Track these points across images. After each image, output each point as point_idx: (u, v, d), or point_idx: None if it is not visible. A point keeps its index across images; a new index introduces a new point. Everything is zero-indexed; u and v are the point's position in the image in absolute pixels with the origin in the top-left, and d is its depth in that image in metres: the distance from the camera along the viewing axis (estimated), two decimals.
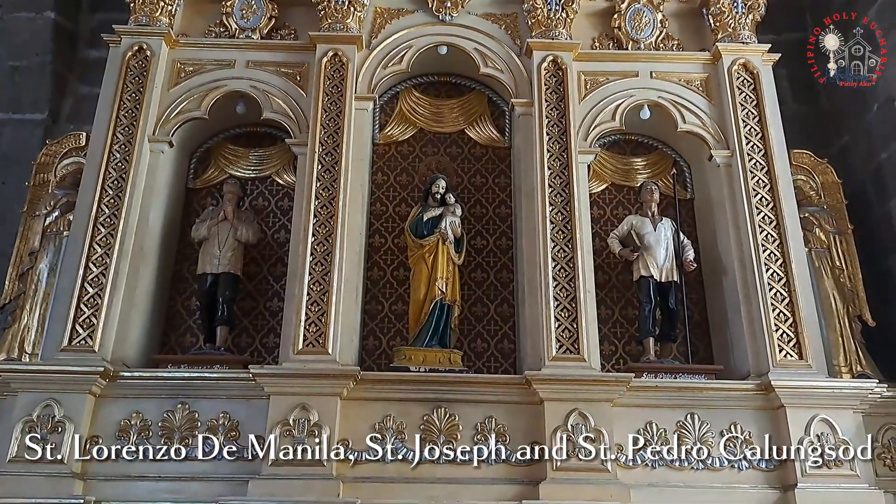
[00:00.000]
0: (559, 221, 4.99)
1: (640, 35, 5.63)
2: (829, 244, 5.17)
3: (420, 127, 5.77)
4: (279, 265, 5.29)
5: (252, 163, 5.60)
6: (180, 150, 5.40)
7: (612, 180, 5.67)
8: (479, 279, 5.36)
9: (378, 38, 5.62)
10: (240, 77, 5.39)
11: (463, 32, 5.64)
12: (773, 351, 4.61)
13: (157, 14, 5.37)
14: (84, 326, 4.55)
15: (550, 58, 5.44)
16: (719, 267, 5.21)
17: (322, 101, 5.24)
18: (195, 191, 5.57)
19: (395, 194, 5.61)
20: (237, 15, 5.54)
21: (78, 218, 4.85)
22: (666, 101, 5.43)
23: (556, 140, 5.23)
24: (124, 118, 5.10)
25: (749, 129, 5.25)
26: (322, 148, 5.12)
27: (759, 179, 5.11)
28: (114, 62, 5.27)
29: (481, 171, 5.73)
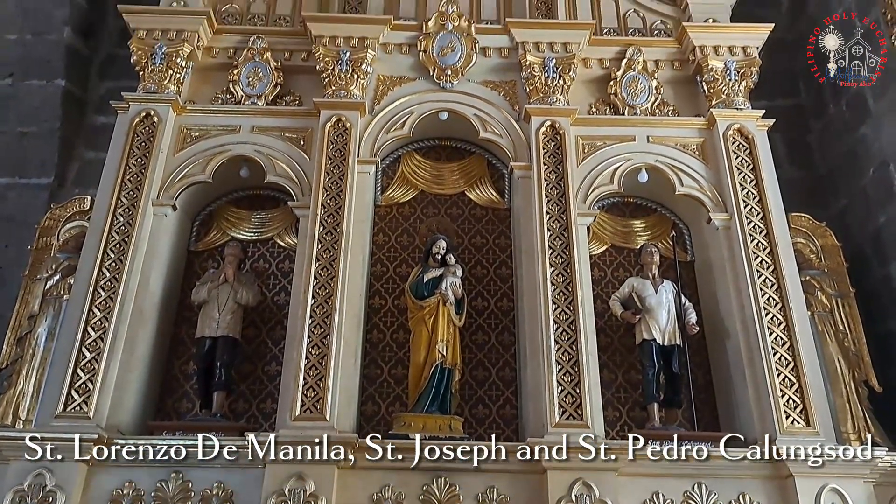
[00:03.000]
0: (560, 283, 4.98)
1: (636, 101, 5.75)
2: (832, 307, 5.14)
3: (421, 189, 5.84)
4: (278, 328, 5.25)
5: (254, 225, 5.64)
6: (183, 213, 5.45)
7: (612, 242, 5.69)
8: (480, 342, 5.32)
9: (381, 104, 5.74)
10: (245, 142, 5.48)
11: (463, 99, 5.76)
12: (779, 417, 4.52)
13: (166, 82, 5.50)
14: (80, 392, 4.49)
15: (548, 123, 5.54)
16: (722, 330, 5.18)
17: (325, 165, 5.31)
18: (196, 253, 5.59)
19: (395, 255, 5.63)
20: (244, 82, 5.67)
21: (78, 281, 4.85)
22: (663, 164, 5.50)
23: (556, 202, 5.28)
24: (129, 182, 5.16)
25: (746, 193, 5.29)
26: (324, 210, 5.16)
27: (758, 242, 5.12)
28: (121, 128, 5.36)
29: (482, 232, 5.76)
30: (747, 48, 5.75)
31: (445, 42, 5.80)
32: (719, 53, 5.72)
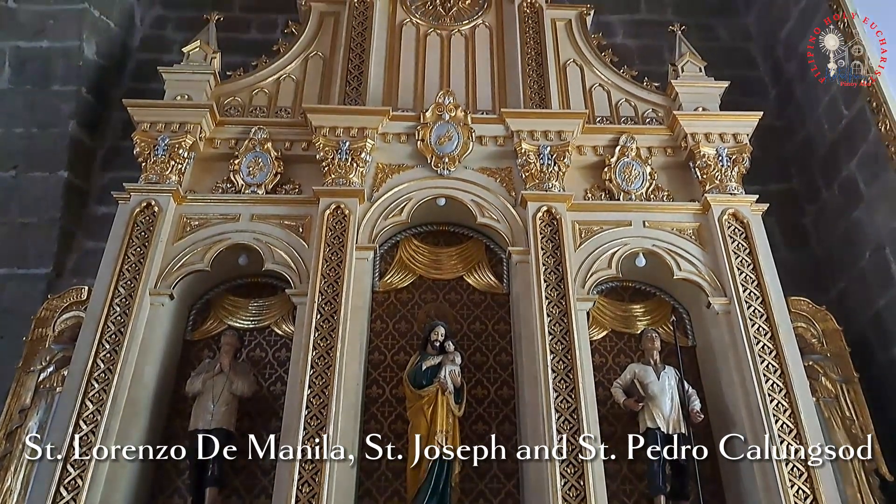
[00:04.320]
0: (561, 370, 4.91)
1: (631, 186, 5.83)
2: (837, 393, 5.04)
3: (419, 274, 5.84)
4: (273, 420, 5.13)
5: (251, 313, 5.61)
6: (180, 302, 5.43)
7: (613, 327, 5.66)
8: (480, 432, 5.19)
9: (379, 191, 5.83)
10: (244, 230, 5.52)
11: (460, 185, 5.85)
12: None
13: (168, 172, 5.59)
14: (69, 489, 4.35)
15: (545, 208, 5.61)
16: (727, 417, 5.07)
17: (323, 252, 5.34)
18: (192, 343, 5.53)
19: (393, 342, 5.57)
20: (244, 172, 5.76)
21: (72, 373, 4.77)
22: (660, 249, 5.53)
23: (554, 287, 5.27)
24: (127, 272, 5.16)
25: (745, 277, 5.30)
26: (322, 297, 5.15)
27: (759, 327, 5.09)
28: (121, 218, 5.40)
29: (480, 318, 5.72)
30: (738, 135, 5.88)
31: (443, 131, 5.94)
32: (711, 140, 5.84)
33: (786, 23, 7.12)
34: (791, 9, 7.02)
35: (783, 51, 7.20)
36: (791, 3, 7.03)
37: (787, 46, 7.10)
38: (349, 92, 6.24)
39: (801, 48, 6.78)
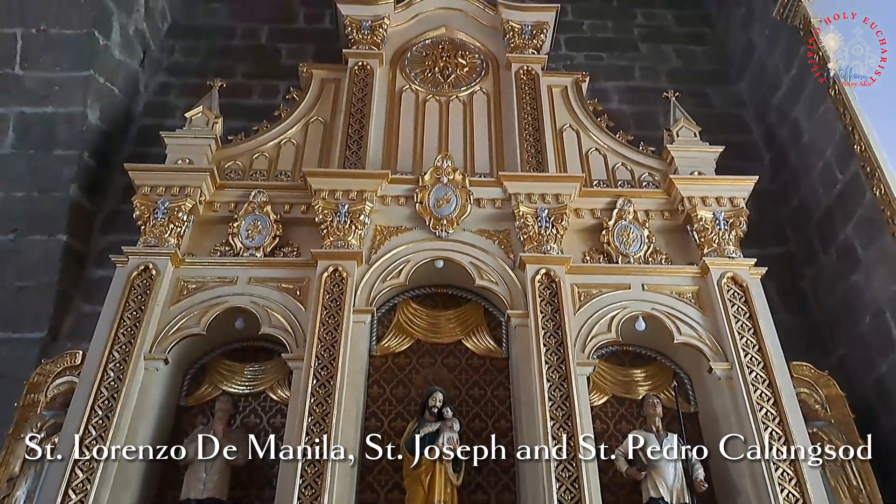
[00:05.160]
0: (562, 437, 4.81)
1: (629, 249, 5.84)
2: (843, 461, 4.94)
3: (417, 338, 5.78)
4: (267, 489, 5.00)
5: (247, 378, 5.53)
6: (175, 366, 5.36)
7: (613, 392, 5.57)
8: (479, 501, 5.06)
9: (378, 252, 5.83)
10: (241, 293, 5.49)
11: (459, 248, 5.85)
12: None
13: (167, 235, 5.60)
14: None
15: (543, 271, 5.60)
16: (731, 486, 4.95)
17: (321, 315, 5.30)
18: (186, 408, 5.43)
19: (390, 408, 5.47)
20: (243, 235, 5.77)
21: (63, 440, 4.66)
22: (660, 312, 5.50)
23: (554, 351, 5.22)
24: (122, 336, 5.10)
25: (745, 342, 5.25)
26: (318, 361, 5.08)
27: (761, 393, 5.02)
28: (119, 281, 5.38)
29: (479, 383, 5.64)
30: (734, 199, 5.93)
31: (441, 194, 5.99)
32: (707, 204, 5.89)
33: (777, 90, 7.28)
34: (782, 76, 7.20)
35: (776, 117, 7.34)
36: (782, 71, 7.22)
37: (780, 112, 7.25)
38: (349, 156, 6.31)
39: (794, 114, 6.93)
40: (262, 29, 8.65)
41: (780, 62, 7.25)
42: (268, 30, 8.66)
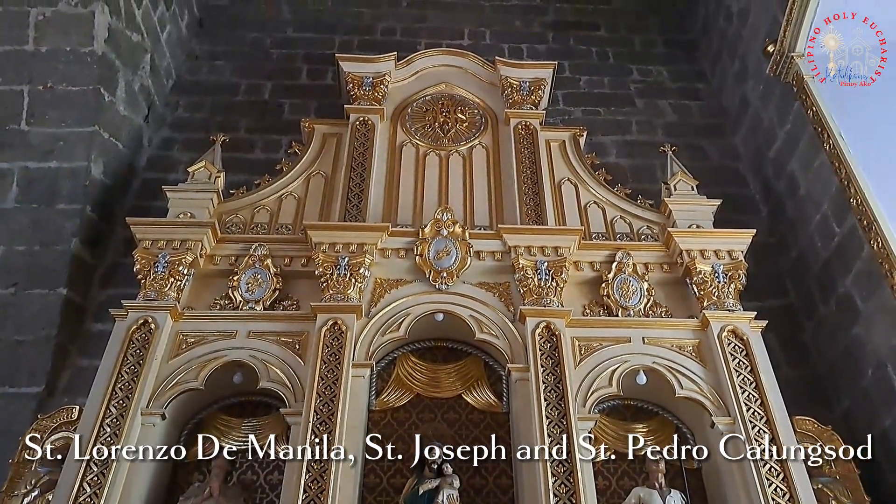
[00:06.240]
0: (563, 494, 4.73)
1: (629, 302, 5.84)
2: None
3: (417, 392, 5.74)
4: None
5: (244, 434, 5.46)
6: (172, 422, 5.29)
7: (615, 448, 5.48)
8: None
9: (377, 306, 5.82)
10: (240, 347, 5.46)
11: (458, 300, 5.85)
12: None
13: (167, 289, 5.60)
14: None
15: (543, 324, 5.58)
16: None
17: (319, 369, 5.25)
18: (182, 464, 5.34)
19: (389, 464, 5.39)
20: (243, 288, 5.78)
21: (57, 498, 4.58)
22: (661, 366, 5.45)
23: (555, 406, 5.16)
24: (120, 391, 5.06)
25: (748, 396, 5.20)
26: (316, 417, 5.02)
27: (765, 448, 4.95)
28: (117, 335, 5.35)
29: (480, 438, 5.57)
30: (732, 252, 5.95)
31: (441, 247, 6.01)
32: (706, 257, 5.91)
33: (773, 143, 7.38)
34: (777, 130, 7.31)
35: (772, 170, 7.43)
36: (776, 125, 7.33)
37: (776, 165, 7.33)
38: (350, 209, 6.37)
39: (790, 168, 7.01)
40: (266, 85, 8.83)
41: (774, 116, 7.38)
42: (271, 86, 8.83)
